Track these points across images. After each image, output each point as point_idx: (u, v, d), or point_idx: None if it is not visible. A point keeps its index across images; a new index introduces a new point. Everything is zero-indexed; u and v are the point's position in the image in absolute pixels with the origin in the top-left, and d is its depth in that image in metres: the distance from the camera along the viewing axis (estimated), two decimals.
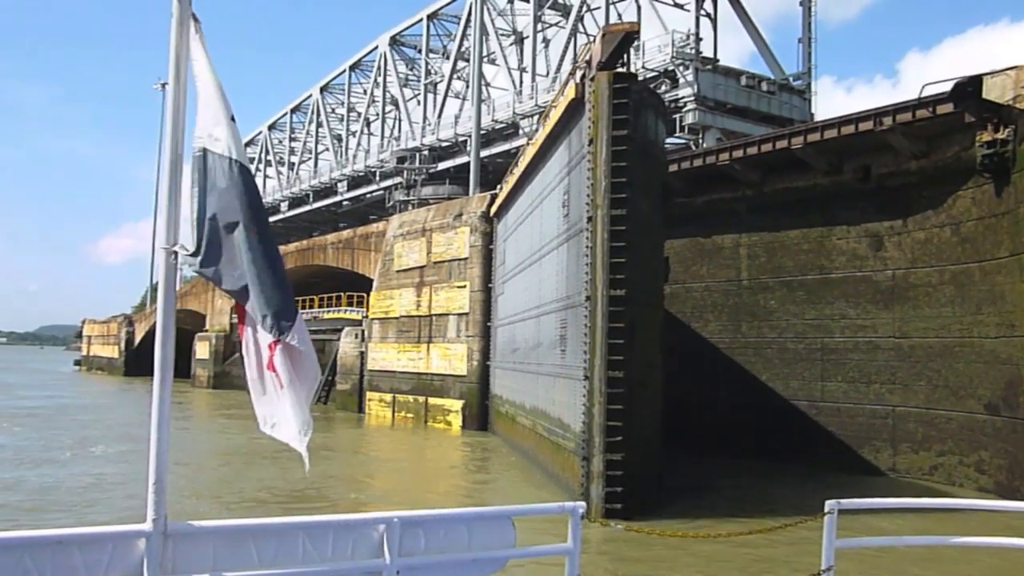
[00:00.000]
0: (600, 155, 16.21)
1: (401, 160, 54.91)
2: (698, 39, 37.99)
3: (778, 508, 16.37)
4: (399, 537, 4.15)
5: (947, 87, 19.04)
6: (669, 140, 42.32)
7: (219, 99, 3.82)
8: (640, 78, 37.75)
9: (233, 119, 3.86)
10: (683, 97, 37.07)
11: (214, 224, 3.72)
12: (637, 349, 16.04)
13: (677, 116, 37.31)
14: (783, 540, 12.47)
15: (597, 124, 16.37)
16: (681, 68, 37.17)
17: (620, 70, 16.79)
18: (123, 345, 77.72)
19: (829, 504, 5.59)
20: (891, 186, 21.68)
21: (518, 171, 27.00)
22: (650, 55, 38.91)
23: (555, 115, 21.11)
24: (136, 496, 16.18)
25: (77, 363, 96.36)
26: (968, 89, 18.45)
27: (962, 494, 18.95)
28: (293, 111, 77.82)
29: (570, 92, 18.94)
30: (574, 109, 18.69)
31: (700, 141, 36.22)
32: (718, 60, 38.85)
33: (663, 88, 38.15)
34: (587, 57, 17.64)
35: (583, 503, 4.85)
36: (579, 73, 18.17)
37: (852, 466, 22.16)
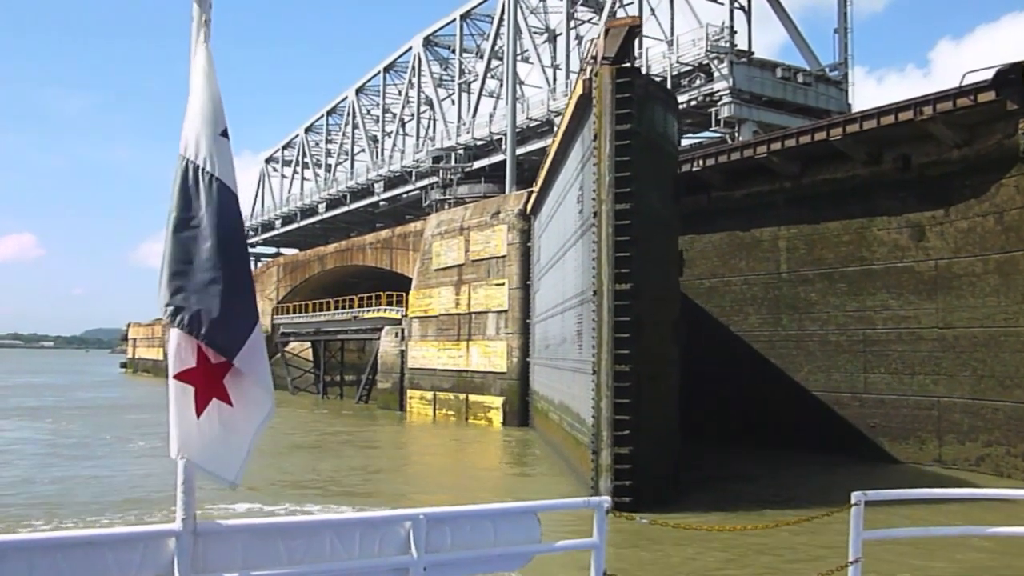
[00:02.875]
0: (604, 149, 16.24)
1: (437, 160, 55.17)
2: (732, 32, 37.75)
3: (810, 500, 16.37)
4: (425, 533, 4.19)
5: (988, 75, 18.86)
6: (705, 134, 42.29)
7: (212, 111, 3.64)
8: (674, 72, 37.89)
9: (225, 134, 3.67)
10: (718, 91, 36.87)
11: (180, 238, 3.54)
12: (646, 343, 16.00)
13: (712, 110, 37.18)
14: (810, 532, 12.47)
15: (601, 119, 16.39)
16: (716, 61, 36.97)
17: (624, 64, 16.69)
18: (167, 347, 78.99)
19: (856, 495, 5.56)
20: (932, 176, 21.49)
21: (545, 169, 27.20)
22: (684, 49, 38.74)
23: (569, 112, 21.21)
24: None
25: (123, 365, 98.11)
26: (1010, 76, 18.27)
27: (1010, 485, 18.78)
28: (329, 113, 78.46)
29: (579, 88, 19.00)
30: (584, 105, 18.72)
31: (736, 134, 36.04)
32: (753, 53, 38.57)
33: (698, 82, 38.02)
34: (593, 53, 17.69)
35: (608, 498, 4.87)
36: (588, 69, 18.19)
37: (895, 458, 22.08)
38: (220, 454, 3.57)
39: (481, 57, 56.81)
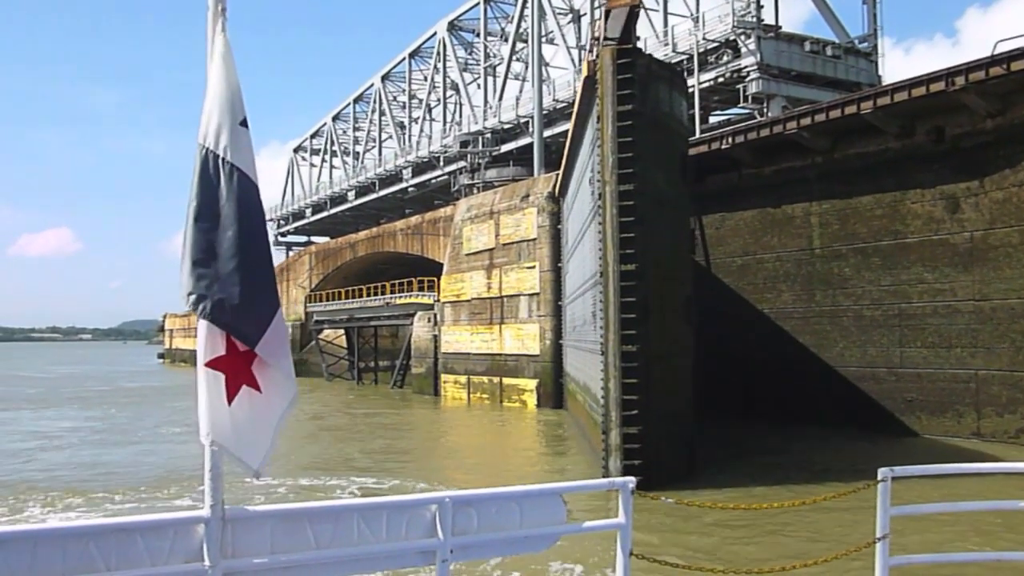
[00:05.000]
0: (607, 131, 16.18)
1: (464, 144, 55.25)
2: (759, 6, 37.33)
3: (841, 475, 16.34)
4: (452, 516, 4.21)
5: (1021, 43, 18.62)
6: (733, 111, 41.96)
7: (231, 100, 3.63)
8: (701, 49, 37.61)
9: (244, 123, 3.66)
10: (746, 66, 36.56)
11: (200, 227, 3.56)
12: (654, 323, 15.96)
13: (740, 86, 36.88)
14: (837, 508, 12.40)
15: (603, 100, 16.32)
16: (743, 37, 36.64)
17: (623, 45, 16.48)
18: None
19: (882, 472, 5.49)
20: (966, 146, 21.25)
21: (567, 151, 27.30)
22: (711, 25, 38.43)
23: (579, 94, 21.15)
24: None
25: (161, 356, 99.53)
26: None
27: None
28: (356, 101, 78.70)
29: (585, 70, 18.94)
30: (590, 87, 18.62)
31: (765, 110, 35.75)
32: (780, 27, 38.15)
33: (725, 58, 37.72)
34: (596, 34, 17.61)
35: (633, 479, 4.84)
36: (595, 51, 18.05)
37: (932, 432, 21.97)
38: (249, 441, 3.60)
39: (506, 40, 56.71)
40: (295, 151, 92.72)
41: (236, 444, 3.54)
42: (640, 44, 42.72)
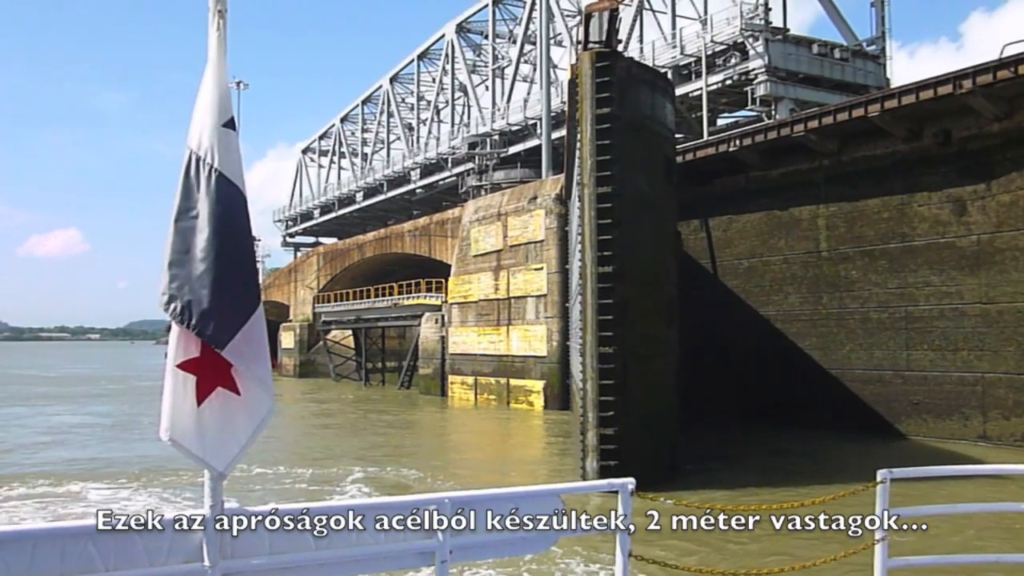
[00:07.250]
0: (585, 133, 16.24)
1: (472, 146, 55.30)
2: (767, 9, 37.37)
3: (841, 478, 16.37)
4: (450, 517, 4.22)
5: None
6: (741, 113, 42.01)
7: (217, 101, 3.60)
8: (709, 52, 37.67)
9: (230, 124, 3.64)
10: (754, 69, 36.58)
11: (178, 228, 3.54)
12: (633, 325, 15.97)
13: (748, 89, 36.92)
14: (836, 510, 12.35)
15: (582, 103, 16.38)
16: (751, 39, 36.67)
17: (600, 48, 16.53)
18: None
19: (881, 473, 5.49)
20: (973, 149, 21.28)
21: (566, 154, 27.37)
22: (718, 28, 38.47)
23: (567, 98, 21.19)
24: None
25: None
26: None
27: None
28: (364, 102, 78.89)
29: (569, 74, 18.99)
30: (573, 90, 18.64)
31: (773, 113, 35.77)
32: (788, 29, 38.18)
33: (733, 61, 37.75)
34: (579, 38, 17.68)
35: (632, 479, 4.83)
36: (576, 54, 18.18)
37: (938, 435, 22.00)
38: (216, 442, 3.53)
39: (514, 42, 56.79)
40: (303, 152, 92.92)
41: (199, 445, 3.48)
42: (647, 46, 43.06)
